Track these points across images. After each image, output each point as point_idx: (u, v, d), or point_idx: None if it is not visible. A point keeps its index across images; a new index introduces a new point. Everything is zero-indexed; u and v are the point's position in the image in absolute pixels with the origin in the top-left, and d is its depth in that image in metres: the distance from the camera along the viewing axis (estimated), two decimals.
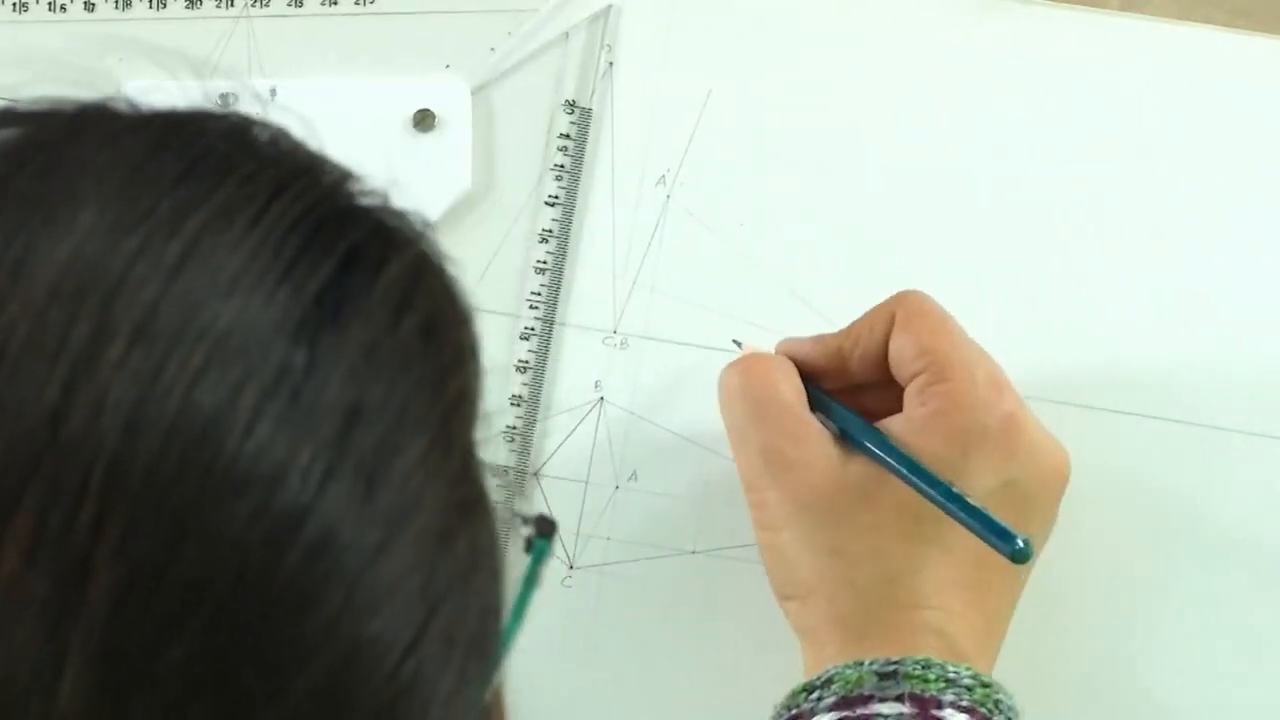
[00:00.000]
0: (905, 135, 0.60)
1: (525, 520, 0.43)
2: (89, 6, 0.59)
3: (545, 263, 0.60)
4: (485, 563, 0.31)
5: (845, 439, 0.51)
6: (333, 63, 0.60)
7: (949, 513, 0.48)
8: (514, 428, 0.59)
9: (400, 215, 0.33)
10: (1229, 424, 0.59)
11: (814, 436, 0.51)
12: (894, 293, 0.53)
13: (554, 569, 0.59)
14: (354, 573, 0.28)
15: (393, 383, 0.29)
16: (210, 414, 0.27)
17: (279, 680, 0.27)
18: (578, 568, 0.59)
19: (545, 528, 0.42)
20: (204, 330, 0.27)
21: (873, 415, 0.52)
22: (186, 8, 0.60)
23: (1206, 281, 0.60)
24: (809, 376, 0.53)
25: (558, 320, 0.60)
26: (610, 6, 0.60)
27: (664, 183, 0.60)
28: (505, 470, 0.59)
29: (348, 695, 0.28)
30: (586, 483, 0.59)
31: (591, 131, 0.60)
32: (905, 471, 0.49)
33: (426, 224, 0.33)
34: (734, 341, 0.58)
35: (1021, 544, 0.46)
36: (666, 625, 0.58)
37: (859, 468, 0.51)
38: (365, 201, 0.32)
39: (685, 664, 0.58)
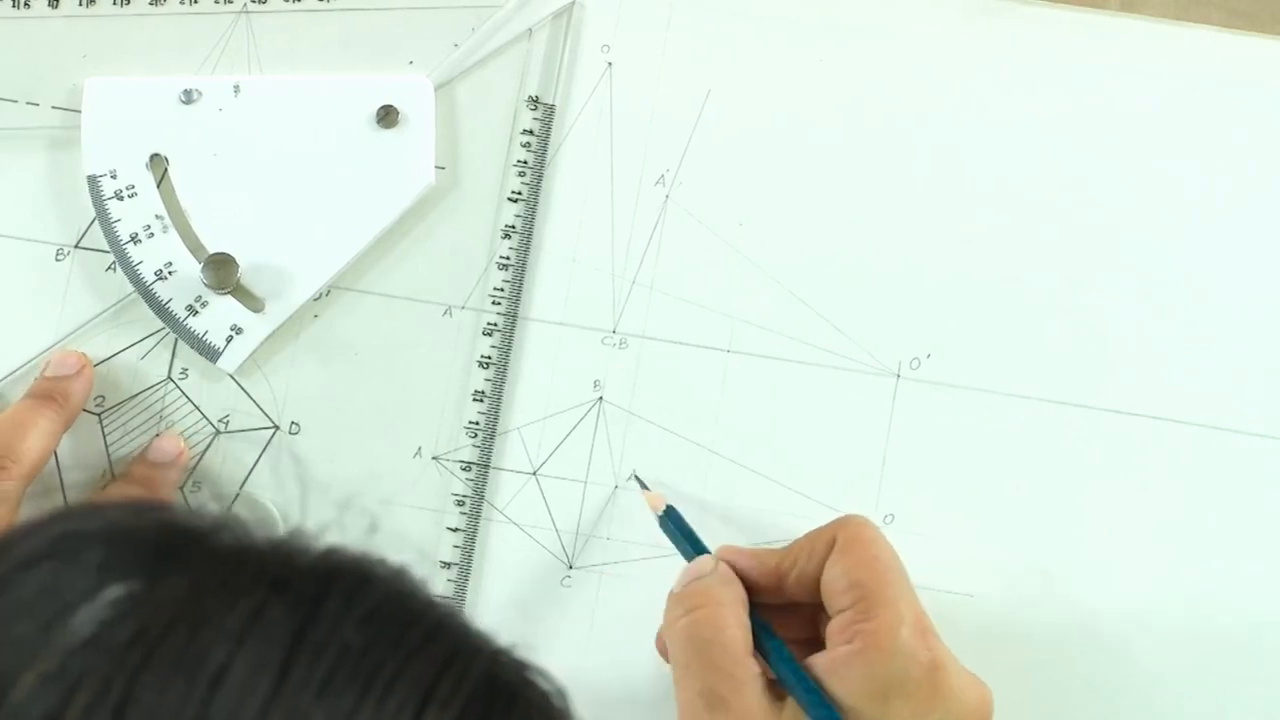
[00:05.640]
0: (905, 135, 0.60)
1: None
2: (52, 3, 0.59)
3: (508, 258, 0.60)
4: None
5: (777, 683, 0.49)
6: (296, 59, 0.60)
7: None
8: (476, 423, 0.59)
9: (541, 694, 0.34)
10: (1229, 424, 0.59)
11: (752, 683, 0.48)
12: (838, 517, 0.51)
13: (553, 569, 0.59)
14: None
15: None
16: None
17: None
18: (577, 568, 0.59)
19: None
20: None
21: (808, 640, 0.50)
22: (150, 4, 0.60)
23: (1206, 281, 0.60)
24: (749, 592, 0.51)
25: (520, 315, 0.59)
26: (574, 2, 0.60)
27: (663, 182, 0.60)
28: (469, 465, 0.59)
29: None
30: (586, 482, 0.59)
31: (555, 127, 0.60)
32: None
33: (563, 694, 0.35)
34: (634, 477, 0.58)
35: None
36: None
37: (790, 715, 0.48)
38: (507, 687, 0.33)
39: None
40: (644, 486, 0.58)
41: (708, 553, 0.53)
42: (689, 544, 0.54)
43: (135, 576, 0.30)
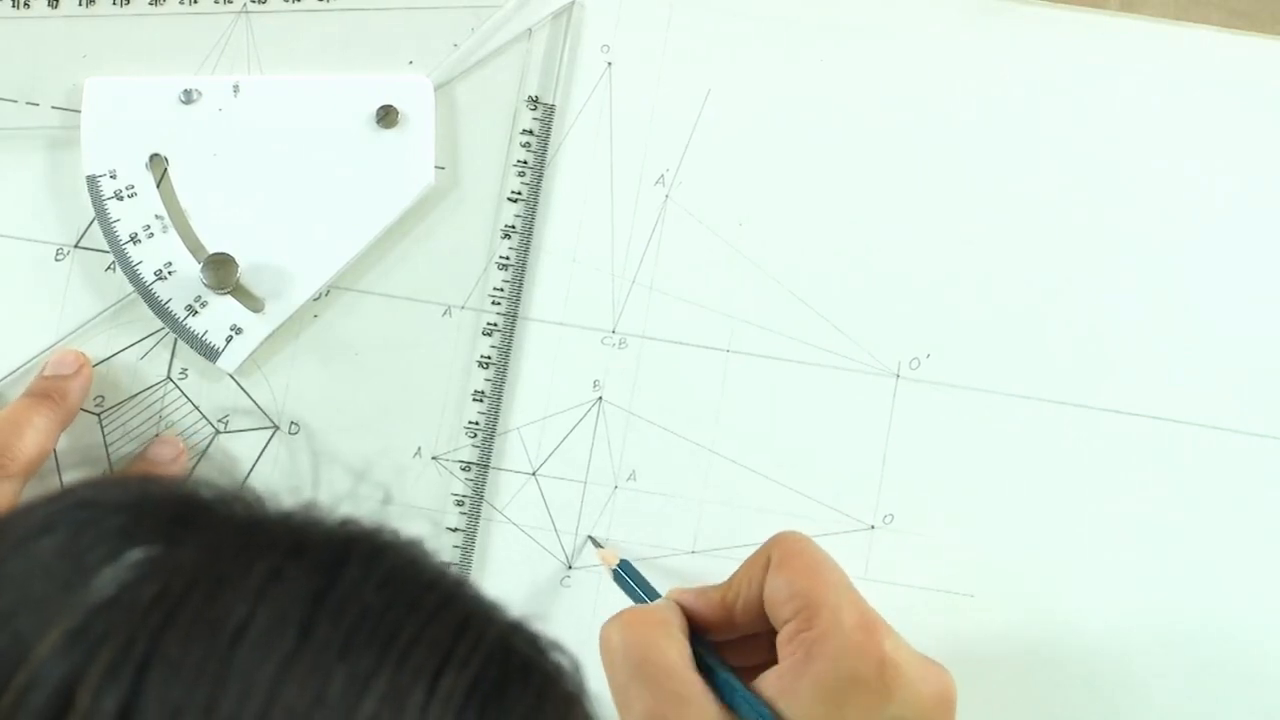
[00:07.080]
0: (905, 135, 0.60)
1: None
2: (52, 3, 0.59)
3: (508, 258, 0.60)
4: None
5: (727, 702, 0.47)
6: (296, 59, 0.60)
7: None
8: (476, 423, 0.59)
9: (555, 664, 0.34)
10: (1229, 424, 0.59)
11: (699, 700, 0.46)
12: (771, 536, 0.49)
13: (553, 569, 0.59)
14: None
15: None
16: None
17: None
18: (577, 568, 0.59)
19: None
20: None
21: (765, 666, 0.48)
22: (150, 4, 0.60)
23: (1206, 281, 0.60)
24: (696, 630, 0.49)
25: (520, 315, 0.60)
26: (574, 2, 0.60)
27: (663, 182, 0.60)
28: (469, 465, 0.59)
29: None
30: (585, 482, 0.59)
31: (555, 127, 0.60)
32: None
33: (576, 666, 0.35)
34: (589, 539, 0.58)
35: None
36: None
37: None
38: (522, 655, 0.33)
39: None
40: (598, 545, 0.58)
41: (660, 597, 0.52)
42: (643, 594, 0.53)
43: (155, 541, 0.31)
